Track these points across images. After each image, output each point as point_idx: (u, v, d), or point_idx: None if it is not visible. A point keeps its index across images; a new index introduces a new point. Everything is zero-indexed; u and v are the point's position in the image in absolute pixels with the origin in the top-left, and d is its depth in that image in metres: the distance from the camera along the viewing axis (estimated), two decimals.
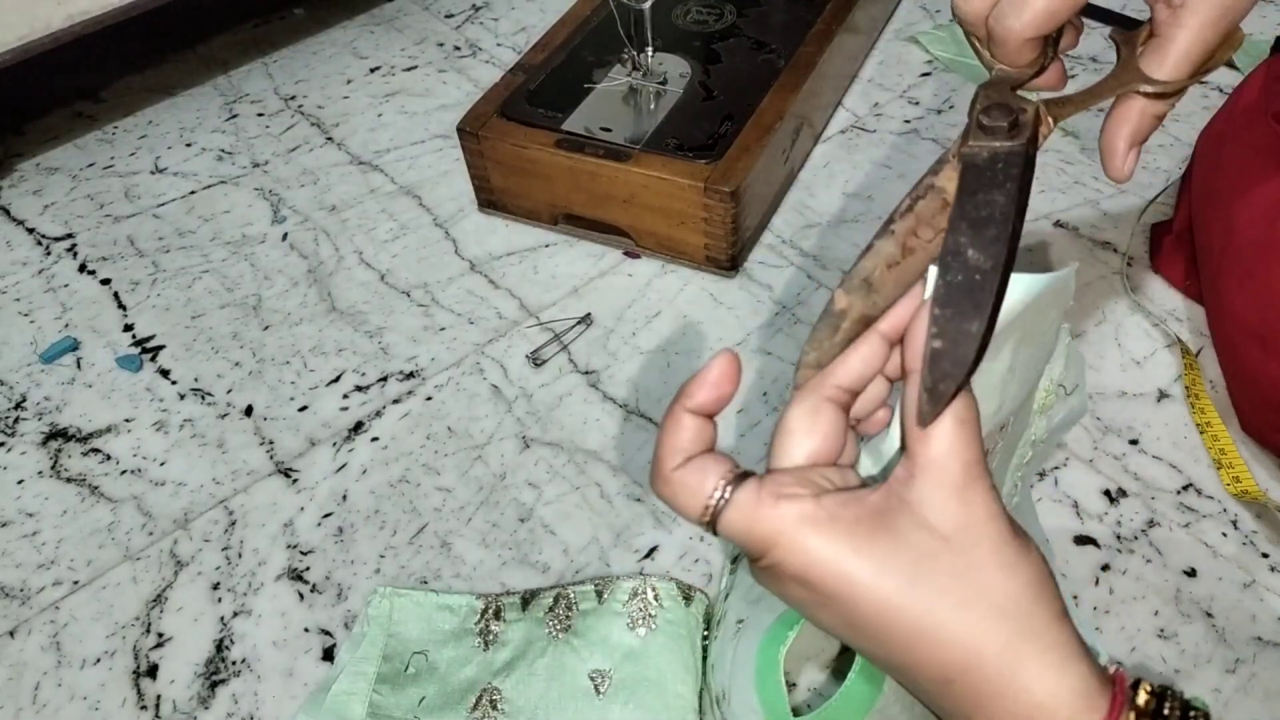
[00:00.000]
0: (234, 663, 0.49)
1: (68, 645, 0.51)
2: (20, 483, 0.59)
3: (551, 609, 0.48)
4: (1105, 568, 0.50)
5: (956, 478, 0.28)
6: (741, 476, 0.29)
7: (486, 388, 0.61)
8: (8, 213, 0.78)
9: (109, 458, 0.59)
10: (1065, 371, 0.46)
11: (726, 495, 0.29)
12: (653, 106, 0.69)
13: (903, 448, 0.30)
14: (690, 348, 0.63)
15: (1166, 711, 0.27)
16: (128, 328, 0.68)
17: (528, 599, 0.49)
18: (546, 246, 0.71)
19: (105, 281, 0.71)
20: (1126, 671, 0.28)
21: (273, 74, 0.91)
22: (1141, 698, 0.27)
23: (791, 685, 0.46)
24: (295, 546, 0.54)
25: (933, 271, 0.30)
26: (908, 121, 0.79)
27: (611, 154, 0.65)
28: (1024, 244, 0.67)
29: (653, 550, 0.52)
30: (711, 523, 0.29)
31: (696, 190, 0.63)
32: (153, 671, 0.49)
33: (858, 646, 0.29)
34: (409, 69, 0.90)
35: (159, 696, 0.48)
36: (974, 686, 0.27)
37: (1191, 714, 0.27)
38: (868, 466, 0.33)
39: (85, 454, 0.60)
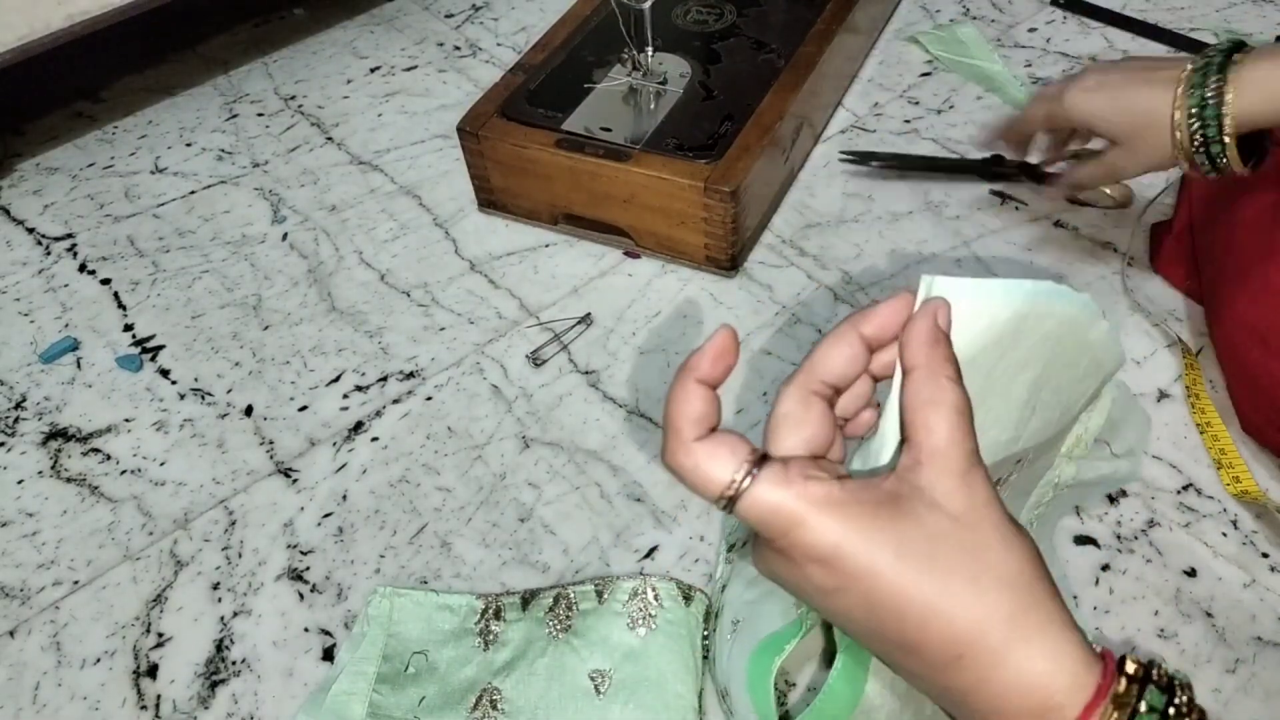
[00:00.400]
0: (234, 663, 0.49)
1: (68, 645, 0.51)
2: (20, 483, 0.59)
3: (551, 609, 0.48)
4: (1105, 568, 0.50)
5: (960, 463, 0.29)
6: (764, 457, 0.30)
7: (486, 388, 0.61)
8: (8, 213, 0.78)
9: (109, 458, 0.59)
10: (1111, 428, 0.46)
11: (755, 473, 0.29)
12: (653, 106, 0.69)
13: (902, 441, 0.31)
14: (690, 348, 0.63)
15: (1155, 677, 0.28)
16: (128, 328, 0.68)
17: (528, 599, 0.49)
18: (546, 246, 0.71)
19: (105, 281, 0.71)
20: (1110, 648, 0.29)
21: (273, 74, 0.91)
22: (1130, 666, 0.28)
23: (791, 685, 0.46)
24: (295, 546, 0.54)
25: (924, 280, 0.31)
26: (908, 121, 0.78)
27: (611, 154, 0.65)
28: (1028, 244, 0.67)
29: (653, 550, 0.52)
30: (732, 499, 0.29)
31: (696, 190, 0.63)
32: (153, 671, 0.49)
33: (869, 629, 0.30)
34: (409, 69, 0.90)
35: (159, 696, 0.48)
36: (980, 659, 0.28)
37: (1176, 683, 0.28)
38: (857, 467, 0.33)
39: (85, 454, 0.60)
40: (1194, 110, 0.49)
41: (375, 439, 0.59)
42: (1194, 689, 0.28)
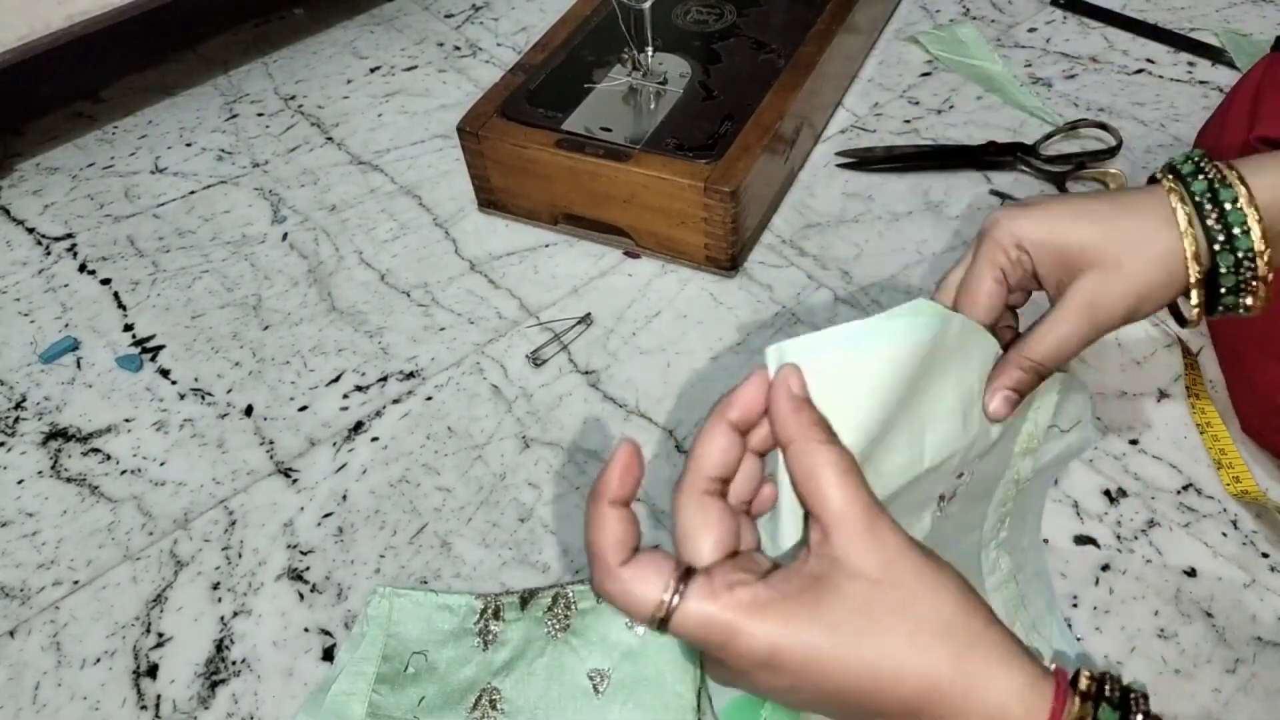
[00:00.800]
0: (234, 663, 0.49)
1: (68, 645, 0.51)
2: (20, 483, 0.59)
3: (550, 608, 0.48)
4: (1105, 568, 0.50)
5: (861, 521, 0.30)
6: (688, 572, 0.29)
7: (486, 388, 0.61)
8: (8, 213, 0.78)
9: (109, 458, 0.59)
10: (1058, 414, 0.46)
11: (681, 589, 0.29)
12: (653, 106, 0.69)
13: (807, 519, 0.31)
14: (690, 348, 0.63)
15: (1108, 693, 0.28)
16: (128, 328, 0.68)
17: (526, 599, 0.49)
18: (546, 246, 0.71)
19: (105, 281, 0.71)
20: (1065, 665, 0.30)
21: (273, 74, 0.91)
22: (1083, 683, 0.28)
23: None
24: (295, 546, 0.54)
25: (769, 353, 0.32)
26: (908, 121, 0.78)
27: (611, 154, 0.65)
28: None
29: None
30: (664, 620, 0.29)
31: (696, 190, 0.63)
32: (153, 671, 0.49)
33: (833, 711, 0.30)
34: (409, 69, 0.90)
35: (159, 696, 0.48)
36: (938, 710, 0.28)
37: (1131, 696, 0.28)
38: (767, 544, 0.33)
39: (85, 454, 0.60)
40: (1203, 195, 0.37)
41: (375, 439, 0.59)
42: (1149, 700, 0.29)
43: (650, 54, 0.70)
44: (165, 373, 0.64)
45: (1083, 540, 0.51)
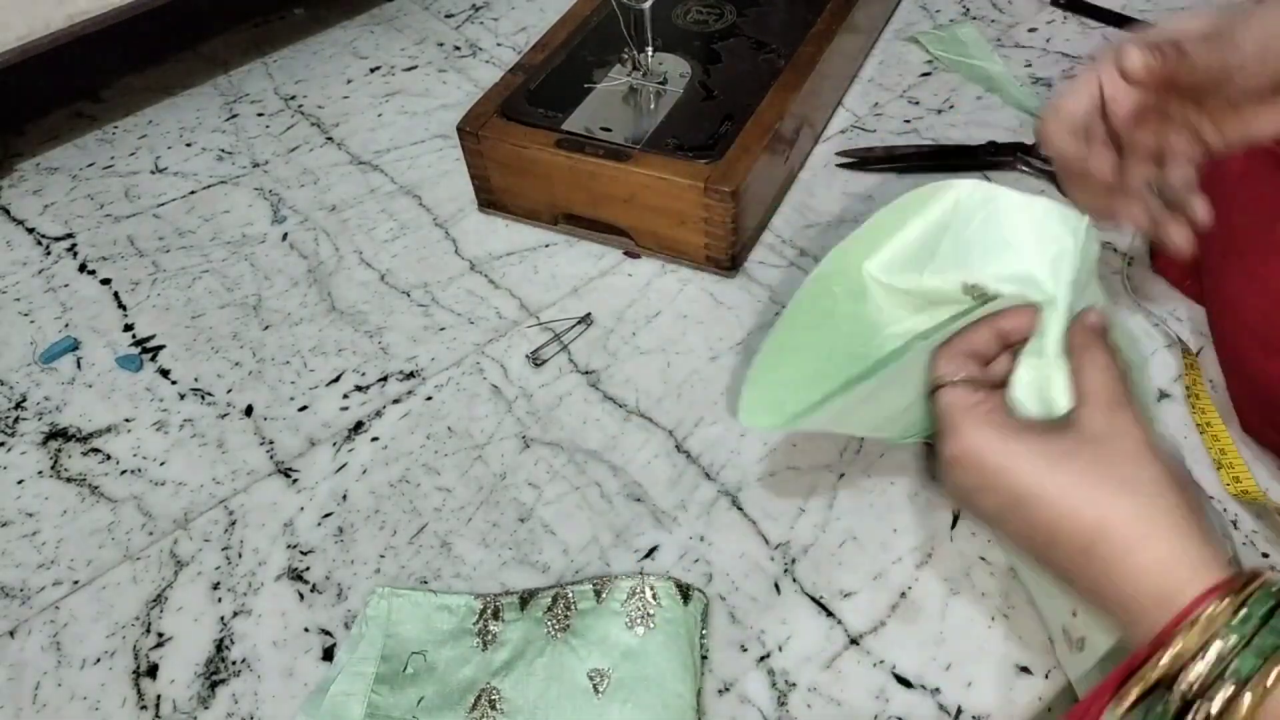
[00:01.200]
0: (234, 663, 0.49)
1: (68, 645, 0.51)
2: (20, 483, 0.59)
3: (550, 609, 0.48)
4: None
5: (1104, 401, 0.37)
6: (971, 381, 0.40)
7: (486, 388, 0.61)
8: (8, 213, 0.78)
9: (109, 458, 0.59)
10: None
11: (958, 380, 0.40)
12: (653, 106, 0.69)
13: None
14: (690, 348, 0.63)
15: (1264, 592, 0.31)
16: (128, 328, 0.68)
17: (526, 599, 0.49)
18: (546, 246, 0.71)
19: (105, 281, 0.71)
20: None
21: (273, 74, 0.91)
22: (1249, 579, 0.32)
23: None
24: (295, 546, 0.54)
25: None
26: (908, 121, 0.78)
27: (611, 154, 0.65)
28: None
29: (653, 550, 0.52)
30: (936, 387, 0.40)
31: (696, 190, 0.63)
32: (153, 671, 0.49)
33: (1016, 525, 0.37)
34: (409, 69, 0.90)
35: (159, 696, 0.48)
36: (1107, 548, 0.33)
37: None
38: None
39: (85, 454, 0.60)
40: None
41: (375, 439, 0.59)
42: None
43: (650, 54, 0.70)
44: (165, 373, 0.64)
45: None
